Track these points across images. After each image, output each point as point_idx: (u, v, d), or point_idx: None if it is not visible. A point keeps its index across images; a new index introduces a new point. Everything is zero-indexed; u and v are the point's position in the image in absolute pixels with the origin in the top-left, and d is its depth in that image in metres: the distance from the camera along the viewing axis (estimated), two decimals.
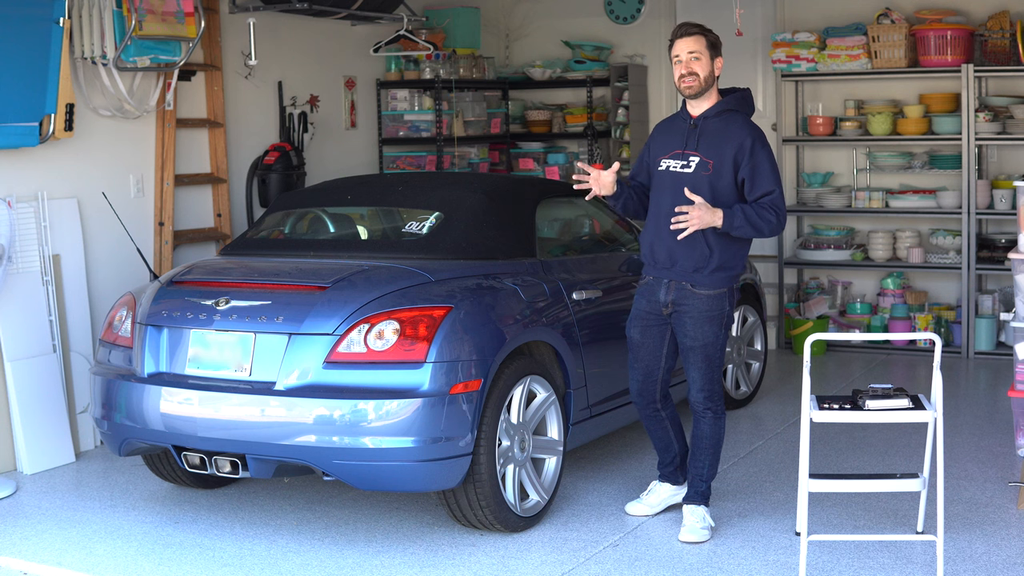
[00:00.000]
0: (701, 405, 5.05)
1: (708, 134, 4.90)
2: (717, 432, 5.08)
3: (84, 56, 6.45)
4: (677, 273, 4.93)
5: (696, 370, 5.00)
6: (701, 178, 4.86)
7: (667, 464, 5.32)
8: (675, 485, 5.32)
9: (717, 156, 4.86)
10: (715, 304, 4.92)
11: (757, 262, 8.32)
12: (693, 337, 4.95)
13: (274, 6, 7.63)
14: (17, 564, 4.92)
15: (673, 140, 4.99)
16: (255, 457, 4.84)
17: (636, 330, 5.11)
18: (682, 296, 4.94)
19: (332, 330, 4.82)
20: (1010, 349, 6.61)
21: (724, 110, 4.93)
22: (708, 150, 4.88)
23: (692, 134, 4.93)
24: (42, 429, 6.17)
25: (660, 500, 5.30)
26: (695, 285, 4.91)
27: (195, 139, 7.48)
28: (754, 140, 4.86)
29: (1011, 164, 8.68)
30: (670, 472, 5.32)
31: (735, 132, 4.88)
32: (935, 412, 4.43)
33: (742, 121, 4.94)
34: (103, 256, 6.72)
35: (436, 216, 5.63)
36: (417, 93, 9.15)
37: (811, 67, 8.79)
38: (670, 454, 5.29)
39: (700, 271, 4.89)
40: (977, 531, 5.00)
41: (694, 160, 4.89)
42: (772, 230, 4.83)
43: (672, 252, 4.91)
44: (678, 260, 4.91)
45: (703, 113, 4.94)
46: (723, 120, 4.92)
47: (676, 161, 4.93)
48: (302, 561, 4.86)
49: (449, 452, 4.75)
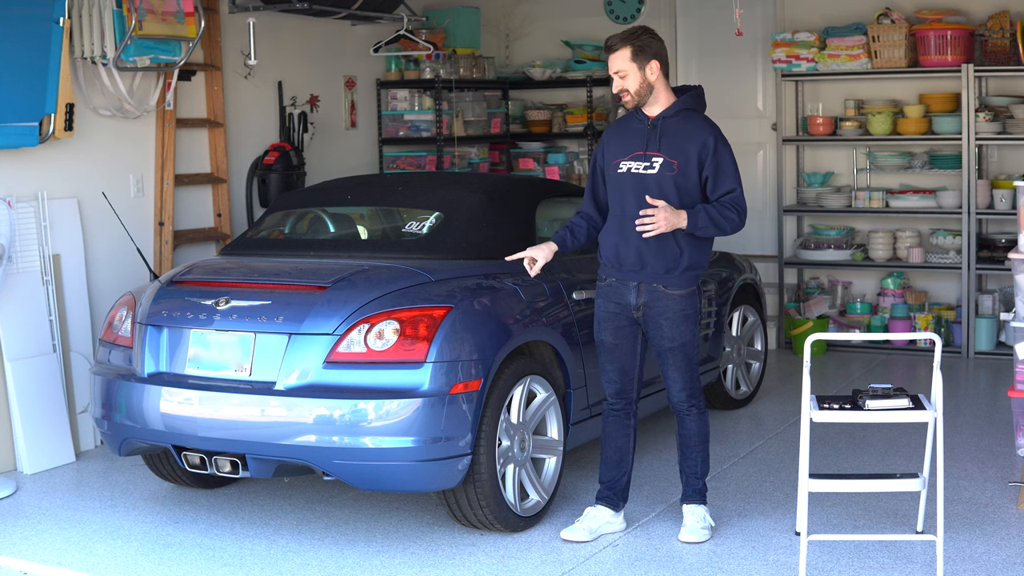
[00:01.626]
0: (685, 404, 5.01)
1: (669, 134, 4.86)
2: (703, 428, 5.05)
3: (84, 56, 6.45)
4: (648, 275, 4.87)
5: (676, 370, 4.96)
6: (666, 178, 4.82)
7: (612, 484, 5.10)
8: (614, 511, 5.09)
9: (681, 155, 4.83)
10: (688, 303, 4.90)
11: (757, 262, 8.32)
12: (671, 338, 4.90)
13: (274, 6, 7.63)
14: (17, 564, 4.92)
15: (631, 142, 4.92)
16: (255, 457, 4.84)
17: (607, 333, 5.00)
18: (654, 298, 4.88)
19: (332, 330, 4.82)
20: (1010, 349, 6.61)
21: (682, 109, 4.90)
22: (671, 150, 4.84)
23: (652, 135, 4.88)
24: (42, 429, 6.17)
25: (599, 525, 5.03)
26: (668, 286, 4.86)
27: (195, 139, 7.48)
28: (716, 138, 4.85)
29: (1011, 164, 8.68)
30: (611, 495, 5.09)
31: (697, 131, 4.85)
32: (935, 412, 4.43)
33: (702, 120, 4.92)
34: (103, 256, 6.72)
35: (436, 216, 5.63)
36: (417, 93, 9.15)
37: (811, 67, 8.79)
38: (620, 471, 5.10)
39: (672, 272, 4.85)
40: (977, 531, 5.00)
41: (657, 161, 4.84)
42: (734, 228, 4.82)
43: (641, 254, 4.85)
44: (648, 262, 4.85)
45: (661, 113, 4.89)
46: (682, 119, 4.88)
47: (638, 162, 4.87)
48: (302, 561, 4.86)
49: (449, 452, 4.75)
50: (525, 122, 10.03)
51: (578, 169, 9.70)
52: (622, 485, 5.12)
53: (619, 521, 5.11)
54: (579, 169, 9.70)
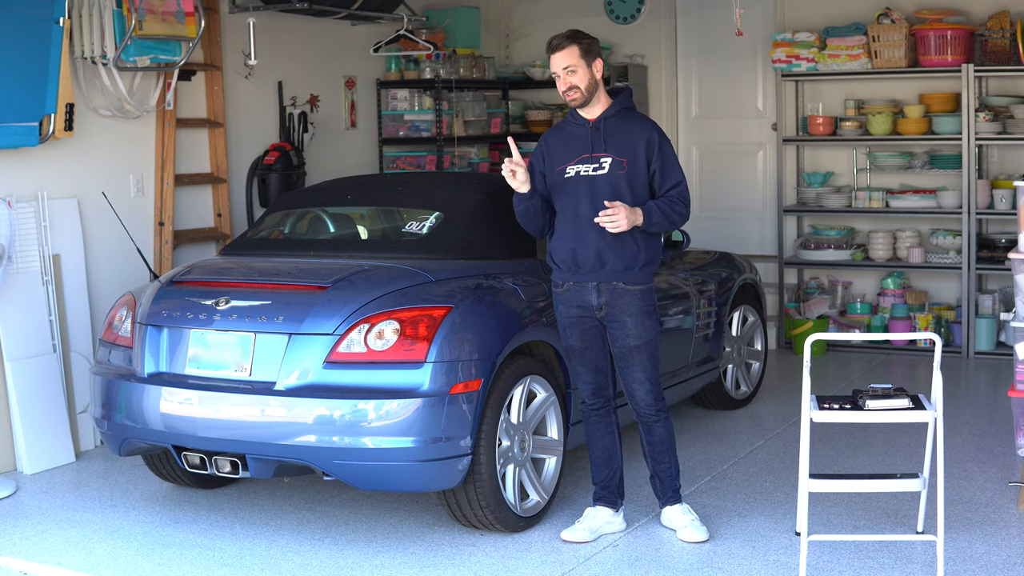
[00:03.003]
0: (652, 409, 4.99)
1: (614, 133, 4.90)
2: (671, 431, 5.07)
3: (84, 56, 6.45)
4: (607, 274, 4.88)
5: (641, 370, 4.95)
6: (617, 177, 4.86)
7: (606, 483, 5.10)
8: (614, 510, 5.09)
9: (630, 154, 4.87)
10: (648, 299, 4.94)
11: (757, 262, 8.31)
12: (636, 335, 4.90)
13: (274, 6, 7.63)
14: (17, 564, 4.92)
15: (574, 145, 4.94)
16: (255, 457, 4.84)
17: (575, 338, 5.00)
18: (615, 296, 4.89)
19: (332, 330, 4.82)
20: (1010, 349, 6.61)
21: (622, 108, 4.96)
22: (618, 149, 4.88)
23: (596, 136, 4.91)
24: (42, 429, 6.17)
25: (599, 525, 5.03)
26: (628, 283, 4.89)
27: (195, 139, 7.48)
28: (659, 134, 4.94)
29: (1011, 164, 8.68)
30: (607, 494, 5.10)
31: (639, 128, 4.92)
32: (935, 412, 4.43)
33: (641, 118, 5.01)
34: (103, 256, 6.72)
35: (436, 216, 5.63)
36: (417, 93, 9.14)
37: (811, 67, 8.79)
38: (611, 468, 5.10)
39: (631, 268, 4.88)
40: (977, 531, 5.00)
41: (606, 161, 4.87)
42: (683, 220, 4.92)
43: (601, 254, 4.87)
44: (608, 260, 4.87)
45: (602, 114, 4.93)
46: (623, 118, 4.94)
47: (586, 165, 4.88)
48: (302, 561, 4.86)
49: (449, 452, 4.75)
50: (525, 122, 10.02)
51: None
52: (616, 483, 5.12)
53: (619, 521, 5.11)
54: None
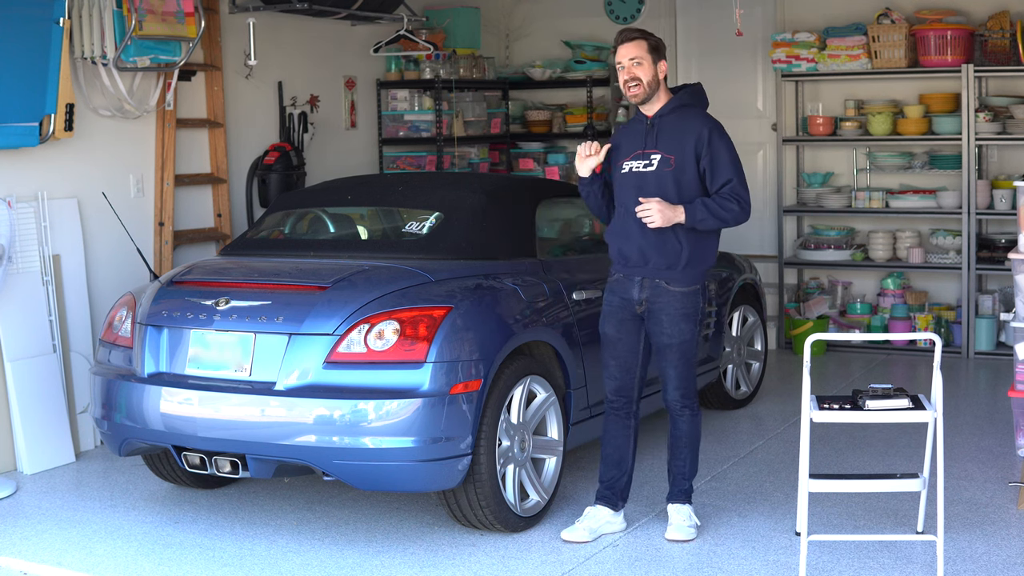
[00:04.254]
0: (678, 404, 5.02)
1: (666, 130, 4.92)
2: (695, 430, 5.06)
3: (84, 56, 6.45)
4: (651, 271, 4.91)
5: (672, 368, 4.98)
6: (664, 174, 4.87)
7: (611, 483, 5.09)
8: (614, 511, 5.09)
9: (678, 151, 4.88)
10: (690, 301, 4.92)
11: (757, 262, 8.31)
12: (670, 335, 4.92)
13: (274, 6, 7.63)
14: (17, 564, 4.92)
15: (634, 142, 4.99)
16: (255, 457, 4.84)
17: (611, 326, 5.04)
18: (656, 293, 4.92)
19: (332, 330, 4.82)
20: (1010, 349, 6.61)
21: (679, 106, 4.96)
22: (668, 146, 4.89)
23: (650, 133, 4.94)
24: (42, 429, 6.17)
25: (599, 525, 5.04)
26: (669, 282, 4.90)
27: (195, 139, 7.48)
28: (711, 130, 4.89)
29: (1011, 164, 8.68)
30: (610, 494, 5.09)
31: (692, 125, 4.90)
32: (935, 412, 4.43)
33: (698, 114, 4.97)
34: (103, 256, 6.72)
35: (436, 216, 5.63)
36: (417, 93, 9.14)
37: (811, 67, 8.79)
38: (620, 471, 5.09)
39: (673, 268, 4.89)
40: (977, 531, 5.00)
41: (655, 158, 4.90)
42: (736, 218, 4.86)
43: (644, 251, 4.90)
44: (651, 258, 4.90)
45: (658, 111, 4.95)
46: (679, 115, 4.94)
47: (638, 161, 4.93)
48: (302, 561, 4.86)
49: (449, 452, 4.75)
50: (525, 122, 10.03)
51: None
52: (621, 485, 5.12)
53: (619, 521, 5.11)
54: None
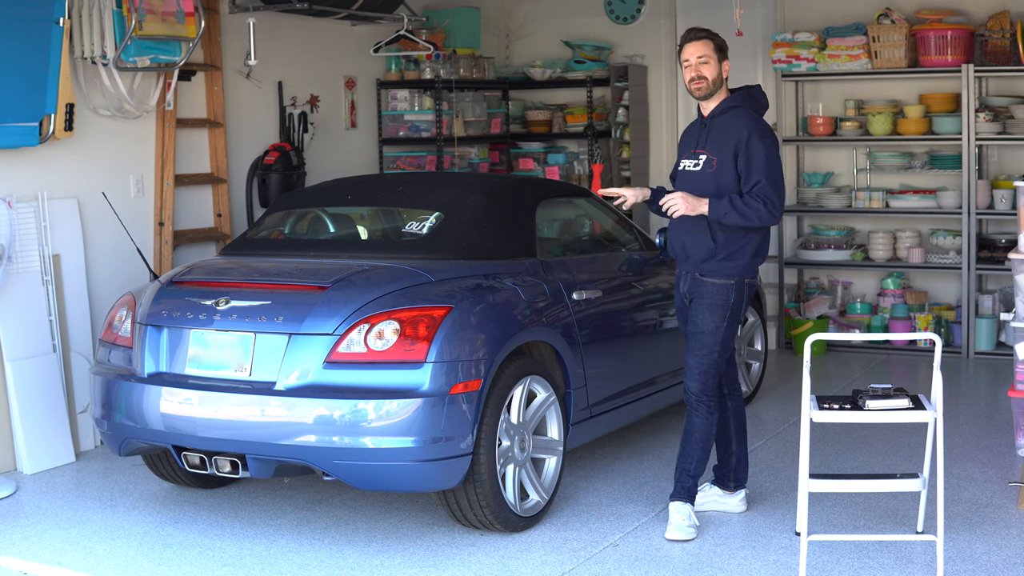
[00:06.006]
0: (695, 397, 5.07)
1: (715, 132, 5.05)
2: (707, 428, 5.09)
3: (84, 56, 6.45)
4: (692, 264, 5.10)
5: (693, 357, 5.07)
6: (707, 175, 5.02)
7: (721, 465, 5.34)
8: (724, 490, 5.33)
9: (720, 152, 5.00)
10: (720, 293, 5.01)
11: None
12: (695, 323, 5.08)
13: (274, 6, 7.63)
14: (17, 564, 4.92)
15: (690, 141, 5.19)
16: (255, 457, 4.84)
17: (680, 320, 5.29)
18: (694, 285, 5.10)
19: (332, 330, 4.82)
20: (1010, 349, 6.60)
21: (730, 107, 5.06)
22: (714, 147, 5.03)
23: (703, 133, 5.10)
24: (42, 429, 6.17)
25: (703, 501, 5.30)
26: (703, 274, 5.06)
27: (195, 139, 7.48)
28: (751, 132, 4.96)
29: (1011, 164, 8.68)
30: (719, 476, 5.34)
31: (737, 127, 4.99)
32: (935, 412, 4.43)
33: (745, 116, 5.03)
34: (103, 256, 6.72)
35: (436, 216, 5.63)
36: (417, 93, 9.15)
37: (811, 67, 8.79)
38: (727, 452, 5.32)
39: (707, 261, 5.04)
40: (977, 531, 5.00)
41: (702, 158, 5.06)
42: (763, 219, 4.91)
43: (685, 245, 5.10)
44: (690, 253, 5.08)
45: (712, 111, 5.08)
46: (729, 117, 5.04)
47: (690, 160, 5.12)
48: (302, 561, 4.86)
49: (449, 452, 4.75)
50: (525, 122, 10.03)
51: (578, 169, 9.70)
52: (732, 466, 5.32)
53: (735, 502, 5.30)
54: (579, 169, 9.70)
